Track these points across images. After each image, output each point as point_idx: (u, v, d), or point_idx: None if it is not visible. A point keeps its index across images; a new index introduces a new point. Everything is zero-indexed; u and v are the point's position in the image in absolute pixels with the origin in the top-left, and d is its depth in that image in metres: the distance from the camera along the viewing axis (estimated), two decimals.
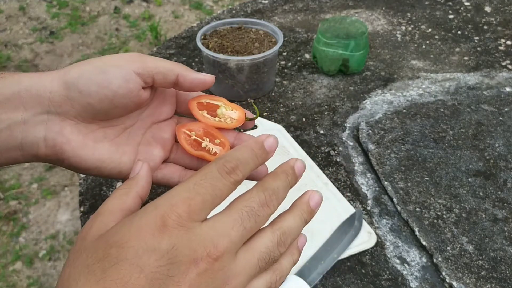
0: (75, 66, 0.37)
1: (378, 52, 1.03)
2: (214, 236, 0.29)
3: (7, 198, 1.74)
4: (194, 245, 0.28)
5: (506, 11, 1.18)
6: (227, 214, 0.31)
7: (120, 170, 0.40)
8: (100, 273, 0.27)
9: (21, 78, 0.35)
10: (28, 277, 1.50)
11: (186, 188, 0.30)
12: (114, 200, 0.32)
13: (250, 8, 1.20)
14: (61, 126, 0.36)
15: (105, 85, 0.36)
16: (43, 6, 2.86)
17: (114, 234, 0.28)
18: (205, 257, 0.28)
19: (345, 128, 0.82)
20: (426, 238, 0.63)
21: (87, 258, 0.28)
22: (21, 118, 0.35)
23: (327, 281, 0.59)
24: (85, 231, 0.30)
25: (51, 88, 0.35)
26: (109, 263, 0.27)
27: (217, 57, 0.83)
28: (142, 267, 0.27)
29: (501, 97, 0.88)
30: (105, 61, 0.37)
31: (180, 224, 0.28)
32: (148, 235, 0.27)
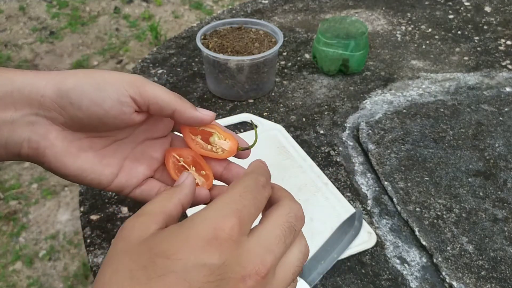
0: (73, 74, 0.36)
1: (378, 52, 1.03)
2: (261, 253, 0.28)
3: (7, 198, 1.74)
4: (243, 262, 0.27)
5: (506, 11, 1.18)
6: (269, 230, 0.30)
7: (100, 182, 0.39)
8: (145, 281, 0.26)
9: (15, 77, 0.34)
10: (28, 277, 1.50)
11: (233, 199, 0.29)
12: (156, 203, 0.32)
13: (250, 8, 1.20)
14: (47, 130, 0.36)
15: (97, 103, 0.35)
16: (43, 6, 2.86)
17: (160, 243, 0.28)
18: (254, 274, 0.27)
19: (345, 128, 0.82)
20: (426, 238, 0.63)
21: (130, 262, 0.27)
22: (10, 118, 0.35)
23: (327, 281, 0.59)
24: (127, 231, 0.29)
25: (43, 92, 0.35)
26: (155, 272, 0.26)
27: (217, 57, 0.83)
28: (190, 282, 0.26)
29: (501, 97, 0.88)
30: (105, 77, 0.36)
31: (232, 237, 0.27)
32: (198, 248, 0.27)
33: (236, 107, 0.87)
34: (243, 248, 0.28)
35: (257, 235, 0.29)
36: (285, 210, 0.32)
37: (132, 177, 0.40)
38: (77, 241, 1.60)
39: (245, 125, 0.83)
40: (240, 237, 0.28)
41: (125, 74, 0.37)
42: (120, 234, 0.30)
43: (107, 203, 0.69)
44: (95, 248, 0.63)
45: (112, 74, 0.36)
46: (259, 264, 0.28)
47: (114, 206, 0.69)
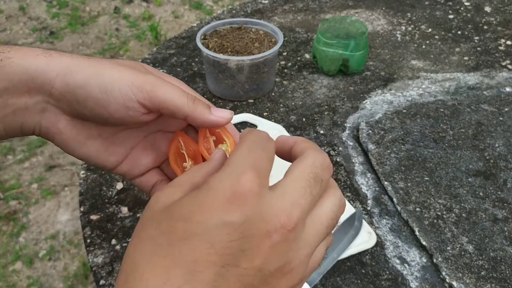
0: (84, 68, 0.35)
1: (378, 52, 1.03)
2: (286, 206, 0.27)
3: (7, 198, 1.74)
4: (267, 216, 0.26)
5: (506, 11, 1.18)
6: (294, 181, 0.29)
7: (104, 166, 0.40)
8: (167, 246, 0.26)
9: (29, 65, 0.34)
10: (28, 277, 1.50)
11: (244, 155, 0.28)
12: (185, 176, 0.31)
13: (250, 8, 1.20)
14: (56, 118, 0.37)
15: (102, 105, 0.35)
16: (43, 6, 2.86)
17: (180, 208, 0.27)
18: (279, 228, 0.26)
19: (345, 128, 0.82)
20: (426, 238, 0.63)
21: (152, 229, 0.27)
22: (24, 104, 0.36)
23: (327, 281, 0.59)
24: (153, 201, 0.29)
25: (53, 83, 0.35)
26: (176, 237, 0.26)
27: (217, 57, 0.83)
28: (213, 243, 0.25)
29: (501, 97, 0.88)
30: (114, 77, 0.35)
31: (252, 191, 0.26)
32: (218, 208, 0.26)
33: (236, 107, 0.87)
34: (265, 202, 0.27)
35: (281, 188, 0.28)
36: (309, 160, 0.30)
37: (134, 167, 0.41)
38: (77, 241, 1.60)
39: (245, 125, 0.83)
40: (262, 190, 0.27)
41: (137, 74, 0.35)
42: (148, 204, 0.29)
43: (107, 203, 0.69)
44: (95, 248, 0.63)
45: (122, 74, 0.35)
46: (285, 218, 0.27)
47: (114, 206, 0.69)
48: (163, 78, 0.38)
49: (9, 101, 0.35)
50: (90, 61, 0.35)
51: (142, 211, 0.68)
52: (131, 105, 0.35)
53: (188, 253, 0.25)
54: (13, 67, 0.34)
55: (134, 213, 0.68)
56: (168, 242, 0.26)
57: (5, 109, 0.35)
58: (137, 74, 0.35)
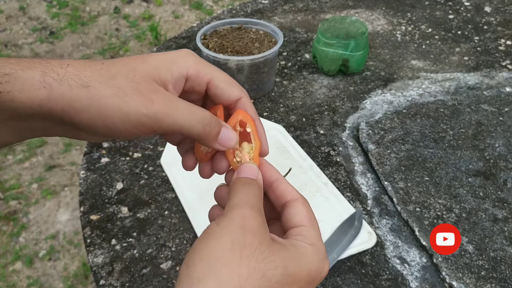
0: (86, 108, 0.32)
1: (378, 52, 1.03)
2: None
3: (7, 198, 1.74)
4: None
5: (506, 11, 1.18)
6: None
7: None
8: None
9: (32, 103, 0.32)
10: (28, 277, 1.50)
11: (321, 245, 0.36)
12: (257, 200, 0.34)
13: (250, 8, 1.20)
14: (76, 133, 0.36)
15: (110, 136, 0.35)
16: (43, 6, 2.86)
17: (292, 266, 0.32)
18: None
19: (345, 128, 0.82)
20: (426, 238, 0.63)
21: (266, 269, 0.31)
22: (40, 127, 0.34)
23: (327, 281, 0.59)
24: (251, 225, 0.32)
25: (60, 117, 0.33)
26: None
27: (217, 57, 0.83)
28: None
29: (501, 97, 0.88)
30: (116, 113, 0.33)
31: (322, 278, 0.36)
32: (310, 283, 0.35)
33: None
34: None
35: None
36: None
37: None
38: (77, 241, 1.60)
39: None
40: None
41: (141, 107, 0.33)
42: (243, 223, 0.32)
43: (107, 203, 0.69)
44: (95, 248, 0.63)
45: (126, 113, 0.33)
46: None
47: (114, 206, 0.69)
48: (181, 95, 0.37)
49: (21, 124, 0.34)
50: (90, 97, 0.33)
51: (142, 211, 0.68)
52: (140, 135, 0.35)
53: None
54: (13, 103, 0.32)
55: (134, 213, 0.68)
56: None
57: (20, 129, 0.34)
58: (141, 107, 0.33)
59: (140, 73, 0.35)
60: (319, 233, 0.36)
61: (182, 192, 0.70)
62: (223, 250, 0.30)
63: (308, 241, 0.34)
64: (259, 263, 0.30)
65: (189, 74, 0.37)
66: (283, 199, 0.37)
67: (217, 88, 0.38)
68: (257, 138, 0.38)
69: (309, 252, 0.34)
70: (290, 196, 0.37)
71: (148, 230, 0.65)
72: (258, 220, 0.32)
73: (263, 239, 0.32)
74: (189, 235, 0.65)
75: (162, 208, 0.68)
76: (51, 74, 0.32)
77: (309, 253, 0.34)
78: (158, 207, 0.69)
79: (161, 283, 0.59)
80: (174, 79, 0.36)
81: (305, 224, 0.35)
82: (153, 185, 0.72)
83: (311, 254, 0.34)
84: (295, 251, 0.33)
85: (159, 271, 0.60)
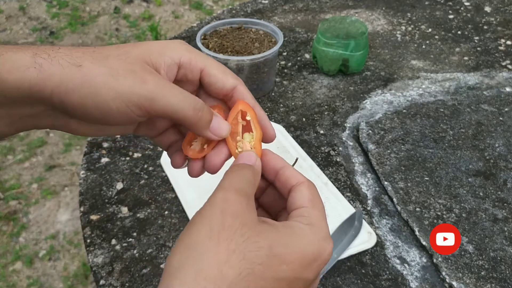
0: (77, 87, 0.32)
1: (378, 52, 1.03)
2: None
3: (7, 198, 1.74)
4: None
5: (506, 11, 1.18)
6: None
7: (124, 134, 0.40)
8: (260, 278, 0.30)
9: (21, 84, 0.32)
10: (28, 277, 1.50)
11: (324, 223, 0.35)
12: (248, 185, 0.33)
13: (250, 8, 1.20)
14: (66, 121, 0.36)
15: (102, 121, 0.34)
16: (43, 6, 2.86)
17: (278, 246, 0.31)
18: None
19: (345, 128, 0.82)
20: (426, 238, 0.63)
21: (247, 251, 0.30)
22: (29, 113, 0.34)
23: (327, 281, 0.59)
24: (234, 208, 0.31)
25: (51, 99, 0.33)
26: (271, 270, 0.31)
27: (217, 57, 0.83)
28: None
29: (501, 97, 0.88)
30: (110, 94, 0.32)
31: (329, 257, 0.34)
32: (305, 266, 0.33)
33: None
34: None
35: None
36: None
37: (151, 130, 0.40)
38: (77, 241, 1.60)
39: None
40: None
41: (133, 87, 0.33)
42: (224, 206, 0.31)
43: (107, 203, 0.69)
44: (95, 248, 0.63)
45: (118, 92, 0.33)
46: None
47: (114, 206, 0.69)
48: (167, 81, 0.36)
49: (11, 111, 0.33)
50: (82, 76, 0.32)
51: (142, 211, 0.68)
52: (131, 118, 0.34)
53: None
54: (3, 85, 0.31)
55: (134, 213, 0.68)
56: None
57: (10, 118, 0.34)
58: (133, 87, 0.33)
59: (133, 55, 0.34)
60: (323, 214, 0.34)
61: (182, 192, 0.70)
62: (201, 237, 0.29)
63: (306, 221, 0.33)
64: (239, 245, 0.29)
65: (181, 61, 0.36)
66: (289, 185, 0.36)
67: (211, 76, 0.37)
68: (257, 126, 0.38)
69: (304, 232, 0.32)
70: (296, 180, 0.36)
71: (148, 230, 0.65)
72: (242, 202, 0.31)
73: (246, 220, 0.30)
74: None
75: (162, 208, 0.68)
76: (42, 55, 0.32)
77: (305, 233, 0.32)
78: (158, 207, 0.69)
79: None
80: (167, 64, 0.36)
81: (306, 205, 0.34)
82: (153, 185, 0.72)
83: (307, 234, 0.32)
84: (286, 232, 0.32)
85: (159, 271, 0.60)
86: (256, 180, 0.35)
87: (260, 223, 0.31)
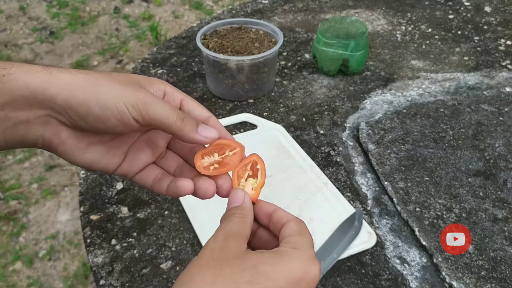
0: (83, 87, 0.37)
1: (378, 52, 1.03)
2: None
3: (7, 198, 1.74)
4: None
5: (506, 11, 1.18)
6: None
7: (107, 169, 0.43)
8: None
9: (30, 81, 0.36)
10: (28, 277, 1.50)
11: (307, 253, 0.36)
12: (237, 226, 0.37)
13: (250, 8, 1.20)
14: (59, 129, 0.39)
15: (102, 121, 0.38)
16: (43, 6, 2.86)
17: (262, 264, 0.33)
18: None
19: (345, 128, 0.82)
20: (426, 238, 0.63)
21: (233, 273, 0.32)
22: (26, 118, 0.37)
23: (327, 281, 0.59)
24: (224, 246, 0.35)
25: (55, 99, 0.37)
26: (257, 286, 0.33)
27: (217, 57, 0.83)
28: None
29: (501, 97, 0.88)
30: (112, 95, 0.37)
31: (315, 280, 0.36)
32: (292, 283, 0.34)
33: (236, 107, 0.87)
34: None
35: None
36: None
37: (133, 164, 0.43)
38: (77, 241, 1.60)
39: (245, 125, 0.83)
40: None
41: (130, 92, 0.38)
42: (213, 245, 0.35)
43: (107, 203, 0.69)
44: (95, 248, 0.63)
45: (118, 93, 0.38)
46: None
47: (114, 206, 0.69)
48: (155, 93, 0.41)
49: (10, 114, 0.37)
50: (88, 79, 0.38)
51: (142, 211, 0.68)
52: (127, 121, 0.38)
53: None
54: (14, 82, 0.36)
55: (134, 213, 0.68)
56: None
57: (6, 122, 0.37)
58: (130, 92, 0.38)
59: (130, 76, 0.40)
60: (310, 242, 0.37)
61: None
62: (194, 269, 0.33)
63: (292, 246, 0.36)
64: (225, 269, 0.32)
65: (166, 90, 0.42)
66: (280, 224, 0.39)
67: (190, 105, 0.43)
68: (263, 176, 0.43)
69: (290, 253, 0.35)
70: (286, 219, 0.39)
71: (148, 230, 0.65)
72: (229, 240, 0.35)
73: (233, 253, 0.34)
74: (189, 235, 0.65)
75: (162, 208, 0.68)
76: (51, 68, 0.37)
77: (290, 254, 0.35)
78: (158, 207, 0.69)
79: (161, 283, 0.59)
80: (155, 90, 0.41)
81: (293, 234, 0.37)
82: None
83: (293, 255, 0.35)
84: (271, 254, 0.35)
85: (159, 271, 0.60)
86: (248, 217, 0.39)
87: (247, 252, 0.35)
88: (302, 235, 0.37)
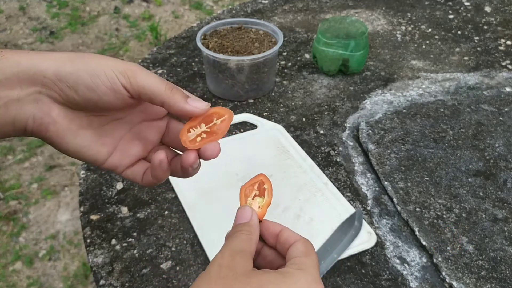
0: (72, 60, 0.38)
1: (378, 52, 1.03)
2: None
3: (7, 198, 1.74)
4: None
5: (506, 11, 1.18)
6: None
7: (96, 159, 0.42)
8: None
9: (21, 59, 0.37)
10: (28, 277, 1.50)
11: (311, 274, 0.36)
12: (243, 244, 0.38)
13: (250, 8, 1.20)
14: (50, 107, 0.39)
15: (92, 89, 0.38)
16: (43, 6, 2.86)
17: (269, 285, 0.34)
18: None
19: (345, 128, 0.82)
20: (426, 238, 0.63)
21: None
22: (16, 96, 0.38)
23: (327, 281, 0.59)
24: (231, 262, 0.35)
25: (45, 73, 0.37)
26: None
27: (217, 57, 0.83)
28: None
29: (501, 97, 0.88)
30: (100, 64, 0.38)
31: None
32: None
33: (236, 107, 0.87)
34: None
35: None
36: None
37: (125, 157, 0.43)
38: (77, 241, 1.60)
39: (245, 125, 0.83)
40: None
41: (120, 62, 0.39)
42: (220, 261, 0.36)
43: (107, 203, 0.69)
44: (95, 248, 0.63)
45: (107, 62, 0.38)
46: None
47: (114, 206, 0.69)
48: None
49: (1, 94, 0.37)
50: (77, 54, 0.39)
51: (142, 211, 0.68)
52: (117, 88, 0.38)
53: None
54: (5, 61, 0.37)
55: (134, 213, 0.68)
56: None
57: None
58: (119, 62, 0.39)
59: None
60: (316, 264, 0.38)
61: (182, 192, 0.70)
62: (203, 286, 0.34)
63: (297, 267, 0.36)
64: (231, 286, 0.33)
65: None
66: (287, 244, 0.39)
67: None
68: (270, 195, 0.44)
69: (295, 274, 0.36)
70: (293, 239, 0.39)
71: (148, 230, 0.65)
72: (235, 257, 0.36)
73: (240, 270, 0.35)
74: (189, 235, 0.65)
75: (162, 208, 0.68)
76: (42, 51, 0.39)
77: (295, 275, 0.36)
78: (158, 207, 0.69)
79: (161, 283, 0.59)
80: None
81: (300, 255, 0.38)
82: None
83: (298, 276, 0.36)
84: (277, 275, 0.35)
85: (159, 271, 0.60)
86: (254, 235, 0.39)
87: (253, 270, 0.36)
88: (308, 256, 0.38)
